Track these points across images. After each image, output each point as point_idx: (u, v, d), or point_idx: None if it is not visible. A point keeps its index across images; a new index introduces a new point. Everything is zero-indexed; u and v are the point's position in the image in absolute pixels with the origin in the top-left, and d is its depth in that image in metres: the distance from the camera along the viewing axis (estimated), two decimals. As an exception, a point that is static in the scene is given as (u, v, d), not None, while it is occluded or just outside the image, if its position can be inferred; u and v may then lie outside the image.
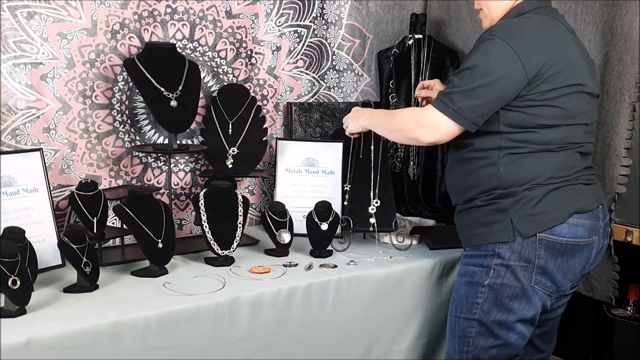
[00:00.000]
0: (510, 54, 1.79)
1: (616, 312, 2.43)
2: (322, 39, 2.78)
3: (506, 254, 1.87)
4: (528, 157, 1.86)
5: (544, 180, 1.86)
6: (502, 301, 1.90)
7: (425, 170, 2.81)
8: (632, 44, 2.29)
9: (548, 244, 1.85)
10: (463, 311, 1.96)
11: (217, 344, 1.87)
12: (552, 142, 1.86)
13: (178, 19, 2.42)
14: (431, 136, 1.89)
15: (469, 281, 1.95)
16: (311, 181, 2.57)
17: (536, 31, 1.86)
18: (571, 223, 1.86)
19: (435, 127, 1.87)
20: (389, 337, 2.21)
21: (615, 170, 2.36)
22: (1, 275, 1.65)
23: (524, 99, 1.83)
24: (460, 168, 1.99)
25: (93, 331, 1.67)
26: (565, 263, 1.88)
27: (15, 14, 2.10)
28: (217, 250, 2.15)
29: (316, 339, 2.06)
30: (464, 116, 1.83)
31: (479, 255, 1.93)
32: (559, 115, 1.85)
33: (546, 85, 1.82)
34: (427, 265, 2.25)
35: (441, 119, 1.85)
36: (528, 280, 1.88)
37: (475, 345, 1.94)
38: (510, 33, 1.82)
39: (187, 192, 2.53)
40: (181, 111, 2.27)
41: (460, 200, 2.00)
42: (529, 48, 1.80)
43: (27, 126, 2.16)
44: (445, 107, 1.84)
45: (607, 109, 2.37)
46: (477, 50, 1.85)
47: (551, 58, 1.81)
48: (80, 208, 2.05)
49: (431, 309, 2.26)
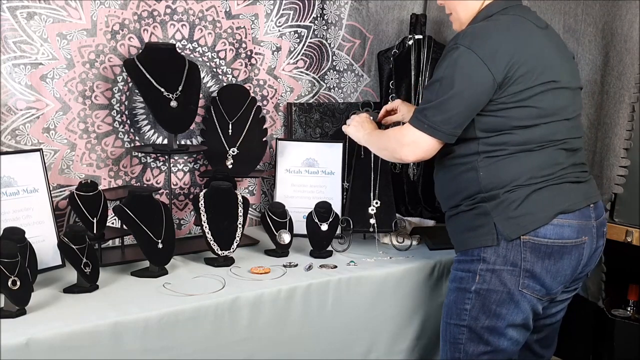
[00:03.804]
0: (476, 62, 1.78)
1: (616, 312, 2.43)
2: (322, 40, 2.78)
3: (491, 258, 1.85)
4: (507, 159, 1.85)
5: (525, 180, 1.83)
6: (489, 307, 1.88)
7: (425, 171, 2.80)
8: (632, 44, 2.29)
9: (533, 246, 1.82)
10: (453, 317, 1.95)
11: (217, 344, 1.87)
12: (531, 141, 1.84)
13: (178, 19, 2.42)
14: (413, 154, 1.92)
15: (457, 287, 1.94)
16: (311, 181, 2.57)
17: (501, 33, 1.84)
18: (556, 224, 1.83)
19: (415, 145, 1.88)
20: (389, 338, 2.21)
21: (613, 170, 2.35)
22: (1, 276, 1.65)
23: (496, 103, 1.82)
24: (444, 175, 1.98)
25: (93, 331, 1.67)
26: (553, 265, 1.84)
27: (15, 15, 2.10)
28: (217, 251, 2.15)
29: (316, 340, 2.06)
30: (440, 130, 1.83)
31: (466, 260, 1.92)
32: (535, 115, 1.83)
33: (517, 86, 1.80)
34: (427, 265, 2.25)
35: (419, 136, 1.86)
36: (515, 285, 1.85)
37: (466, 352, 1.92)
38: (474, 40, 1.81)
39: (186, 192, 2.53)
40: (181, 111, 2.27)
41: (447, 206, 1.99)
42: (494, 52, 1.79)
43: (27, 126, 2.16)
44: (421, 123, 1.85)
45: (607, 109, 2.38)
46: (443, 60, 1.85)
47: (519, 59, 1.80)
48: (80, 208, 2.05)
49: (431, 310, 2.25)
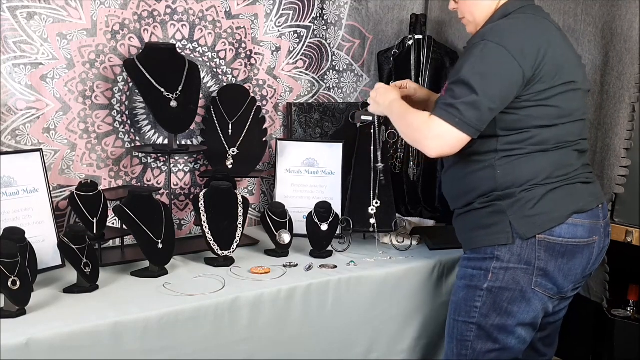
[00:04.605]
0: (507, 57, 1.76)
1: (616, 312, 2.43)
2: (321, 40, 2.78)
3: (505, 256, 1.85)
4: (524, 158, 1.85)
5: (542, 180, 1.84)
6: (500, 305, 1.88)
7: (425, 171, 2.80)
8: (632, 44, 2.29)
9: (548, 245, 1.84)
10: (461, 314, 1.95)
11: (217, 344, 1.87)
12: (548, 141, 1.85)
13: (178, 19, 2.42)
14: (439, 148, 1.82)
15: (467, 284, 1.94)
16: (311, 181, 2.57)
17: (527, 30, 1.84)
18: (571, 223, 1.84)
19: (441, 139, 1.80)
20: (389, 338, 2.21)
21: (614, 170, 2.35)
22: (1, 276, 1.65)
23: (520, 101, 1.81)
24: (457, 173, 1.97)
25: (93, 331, 1.67)
26: (566, 264, 1.86)
27: (15, 15, 2.10)
28: (217, 251, 2.15)
29: (316, 340, 2.06)
30: (471, 125, 1.77)
31: (477, 258, 1.92)
32: (554, 115, 1.84)
33: (541, 84, 1.80)
34: (427, 265, 2.25)
35: (448, 130, 1.78)
36: (528, 283, 1.86)
37: (473, 349, 1.92)
38: (502, 35, 1.80)
39: (186, 193, 2.53)
40: (181, 112, 2.27)
41: (458, 204, 1.99)
42: (522, 48, 1.78)
43: (27, 126, 2.16)
44: (452, 117, 1.77)
45: (607, 109, 2.37)
46: (470, 55, 1.81)
47: (544, 57, 1.80)
48: (80, 208, 2.05)
49: (431, 310, 2.26)
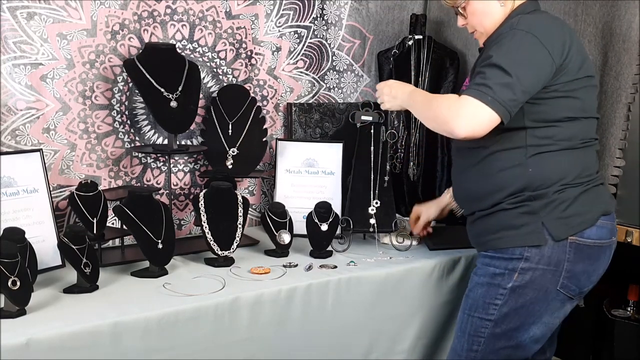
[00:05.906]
0: (537, 44, 1.76)
1: (616, 312, 2.44)
2: (322, 40, 2.78)
3: (535, 257, 1.82)
4: (554, 155, 1.83)
5: (572, 180, 1.83)
6: (522, 304, 1.86)
7: (425, 171, 2.81)
8: (630, 44, 2.29)
9: (577, 247, 1.83)
10: (478, 310, 1.91)
11: (217, 344, 1.87)
12: (575, 137, 1.84)
13: (178, 19, 2.42)
14: (469, 127, 1.73)
15: (489, 282, 1.90)
16: (311, 182, 2.57)
17: (552, 24, 1.85)
18: (599, 225, 1.85)
19: (473, 117, 1.72)
20: (389, 338, 2.21)
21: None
22: (1, 276, 1.65)
23: (548, 90, 1.79)
24: (480, 171, 1.91)
25: (93, 332, 1.67)
26: (590, 265, 1.86)
27: (15, 15, 2.10)
28: (217, 251, 2.15)
29: (316, 340, 2.06)
30: (505, 105, 1.71)
31: (503, 257, 1.87)
32: (579, 107, 1.84)
33: (567, 76, 1.80)
34: (427, 266, 2.25)
35: (480, 108, 1.71)
36: (554, 284, 1.84)
37: (486, 345, 1.91)
38: (531, 25, 1.80)
39: (186, 193, 2.53)
40: (181, 112, 2.27)
41: (483, 205, 1.91)
42: (551, 37, 1.78)
43: (26, 127, 2.16)
44: (484, 95, 1.71)
45: (604, 109, 2.38)
46: (501, 44, 1.78)
47: (570, 49, 1.80)
48: (80, 208, 2.05)
49: (431, 310, 2.26)
